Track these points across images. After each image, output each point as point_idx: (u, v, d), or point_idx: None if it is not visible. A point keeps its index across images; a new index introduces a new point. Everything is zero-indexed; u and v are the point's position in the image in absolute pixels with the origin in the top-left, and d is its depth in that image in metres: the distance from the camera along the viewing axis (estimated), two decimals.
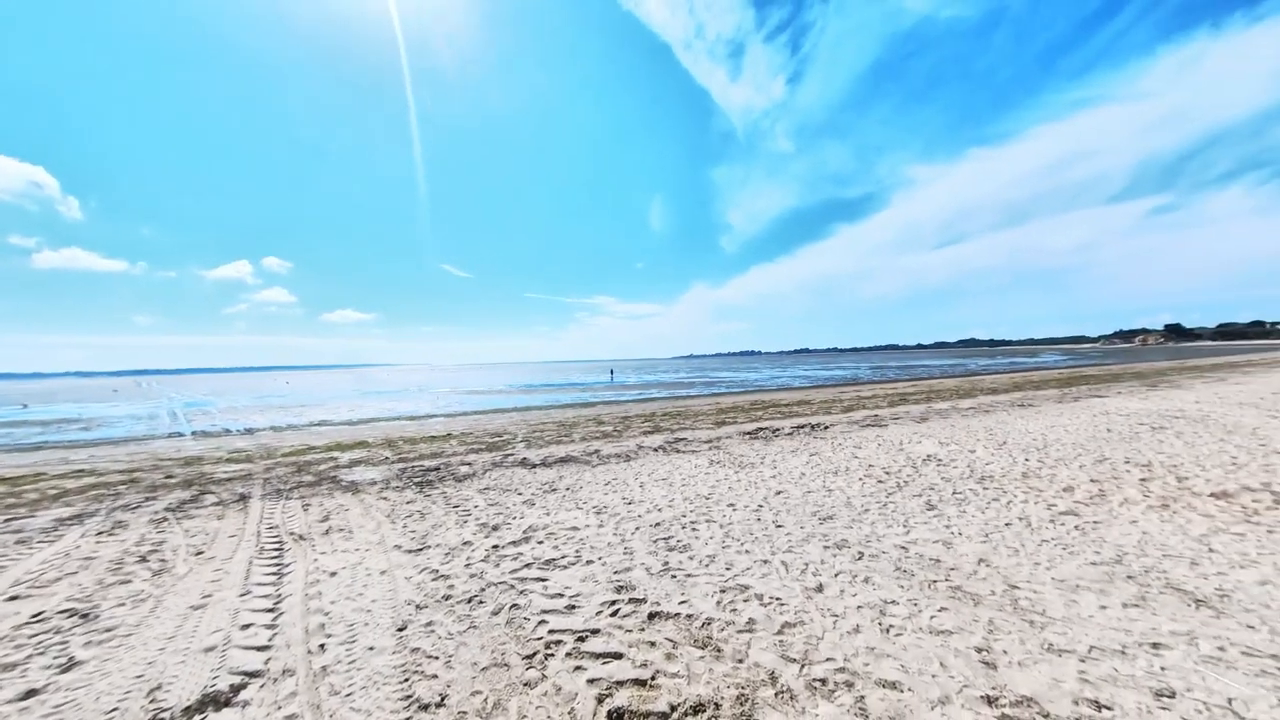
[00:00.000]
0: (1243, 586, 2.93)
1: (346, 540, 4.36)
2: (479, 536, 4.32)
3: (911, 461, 6.52)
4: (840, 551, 3.68)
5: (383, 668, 2.47)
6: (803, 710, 2.06)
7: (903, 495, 5.04)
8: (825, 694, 2.15)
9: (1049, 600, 2.86)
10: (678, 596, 3.08)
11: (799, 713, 2.05)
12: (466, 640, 2.68)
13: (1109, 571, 3.19)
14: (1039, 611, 2.74)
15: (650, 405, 17.59)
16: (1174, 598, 2.84)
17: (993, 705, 2.04)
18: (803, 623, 2.72)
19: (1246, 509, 4.23)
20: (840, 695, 2.14)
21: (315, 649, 2.65)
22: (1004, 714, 2.00)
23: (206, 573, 3.75)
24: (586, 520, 4.66)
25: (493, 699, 2.20)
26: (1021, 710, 2.01)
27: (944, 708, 2.04)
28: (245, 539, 4.51)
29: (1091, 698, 2.06)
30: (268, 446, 10.29)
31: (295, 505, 5.60)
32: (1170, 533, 3.79)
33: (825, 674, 2.28)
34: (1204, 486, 4.89)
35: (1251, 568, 3.16)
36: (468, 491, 5.94)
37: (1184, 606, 2.74)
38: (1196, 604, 2.76)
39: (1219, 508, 4.29)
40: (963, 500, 4.80)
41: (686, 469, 6.67)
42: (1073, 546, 3.60)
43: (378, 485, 6.43)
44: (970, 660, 2.33)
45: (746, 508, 4.85)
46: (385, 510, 5.27)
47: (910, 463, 6.45)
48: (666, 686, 2.24)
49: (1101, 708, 2.01)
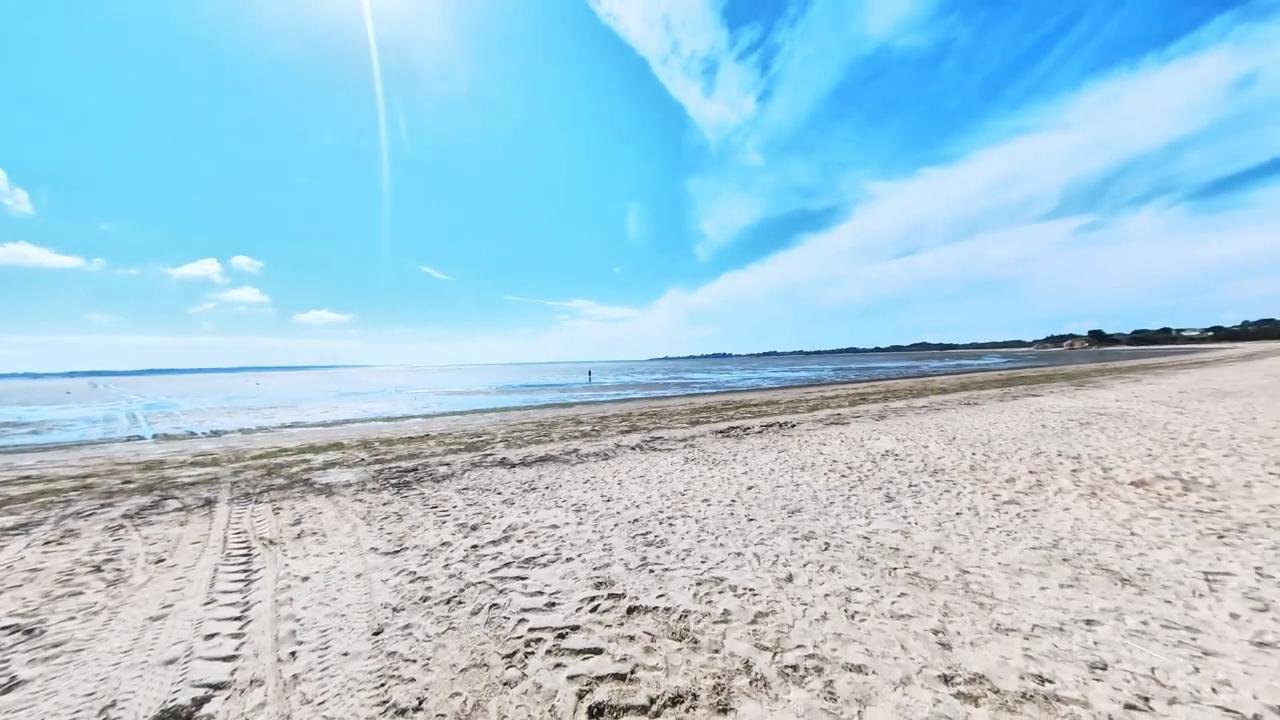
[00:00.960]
0: (1160, 565, 3.15)
1: (320, 544, 4.13)
2: (458, 537, 4.18)
3: (871, 457, 6.73)
4: (808, 543, 3.75)
5: (357, 673, 2.34)
6: (776, 697, 2.08)
7: (864, 489, 5.19)
8: (797, 680, 2.17)
9: (996, 583, 2.99)
10: (655, 590, 3.06)
11: (773, 700, 2.06)
12: (445, 642, 2.57)
13: (1047, 555, 3.37)
14: (988, 594, 2.86)
15: (627, 405, 17.55)
16: (1103, 578, 3.02)
17: (949, 684, 2.11)
18: (774, 612, 2.75)
19: (1161, 496, 4.56)
20: (810, 680, 2.17)
21: (286, 657, 2.49)
22: (959, 691, 2.07)
23: (167, 581, 3.48)
24: (566, 518, 4.59)
25: (472, 700, 2.12)
26: (974, 687, 2.09)
27: (905, 688, 2.10)
28: (210, 545, 4.21)
29: (1035, 672, 2.16)
30: (236, 449, 9.68)
31: (265, 509, 5.28)
32: (1098, 519, 4.04)
33: (796, 660, 2.30)
34: (1125, 476, 5.25)
35: (1167, 548, 3.40)
36: (446, 492, 5.75)
37: (1112, 585, 2.92)
38: (1122, 583, 2.95)
39: (1138, 495, 4.61)
40: (918, 492, 4.98)
41: (663, 467, 6.67)
42: (1015, 533, 3.79)
43: (353, 487, 6.14)
44: (928, 642, 2.41)
45: (720, 503, 4.88)
46: (361, 512, 5.03)
47: (870, 458, 6.66)
48: (646, 679, 2.21)
49: (1044, 681, 2.11)
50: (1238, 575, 2.97)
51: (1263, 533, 3.61)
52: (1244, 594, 2.76)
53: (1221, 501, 4.33)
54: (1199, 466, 5.50)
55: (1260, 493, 4.51)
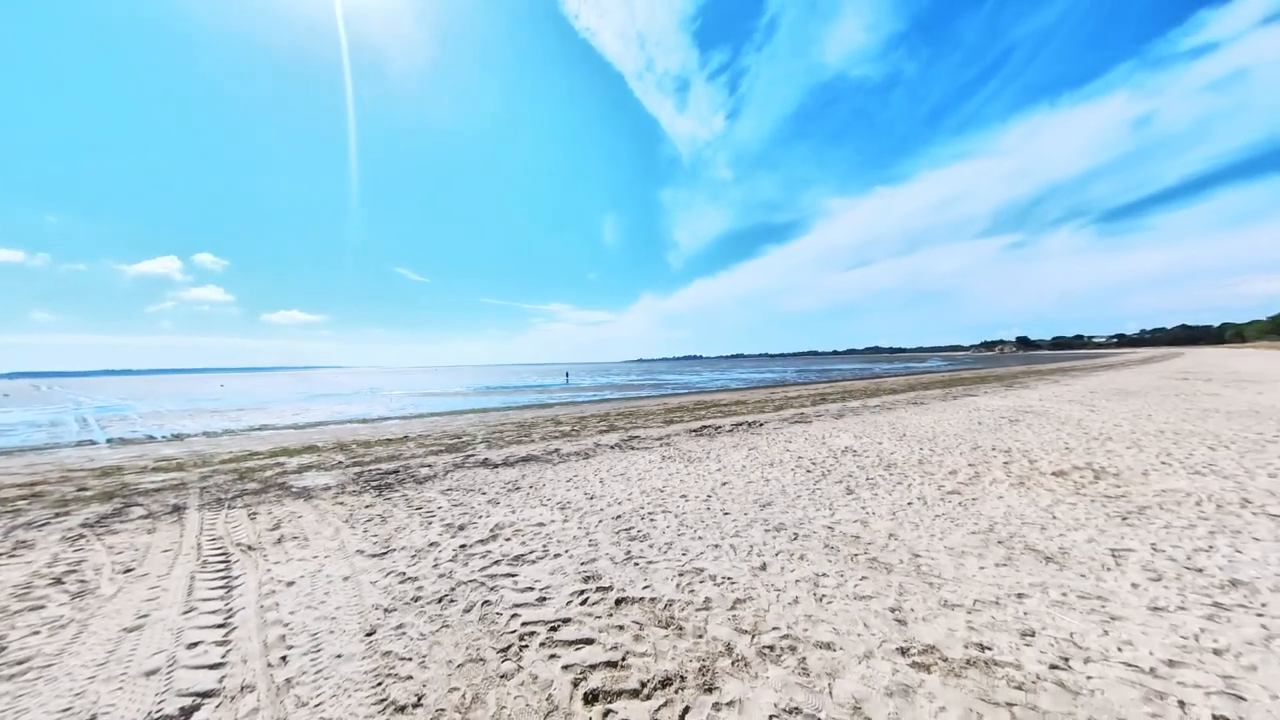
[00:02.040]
0: (1076, 544, 3.49)
1: (302, 548, 3.96)
2: (445, 537, 4.10)
3: (833, 453, 7.05)
4: (779, 533, 3.91)
5: (353, 674, 2.29)
6: (756, 675, 2.19)
7: (827, 482, 5.44)
8: (774, 659, 2.29)
9: (943, 565, 3.23)
10: (641, 582, 3.12)
11: (753, 677, 2.17)
12: (440, 639, 2.55)
13: (985, 538, 3.66)
14: (936, 574, 3.09)
15: (605, 406, 17.54)
16: (1031, 556, 3.32)
17: (905, 655, 2.29)
18: (751, 598, 2.87)
19: (1077, 484, 5.02)
20: (786, 658, 2.29)
21: (276, 661, 2.40)
22: (914, 661, 2.24)
23: (140, 591, 3.25)
24: (551, 516, 4.58)
25: (470, 694, 2.12)
26: (927, 657, 2.27)
27: (868, 661, 2.25)
28: (184, 553, 3.95)
29: (976, 641, 2.37)
30: (202, 453, 9.05)
31: (240, 514, 4.99)
32: (1026, 505, 4.41)
33: (773, 641, 2.43)
34: (1048, 467, 5.75)
35: (1081, 530, 3.77)
36: (430, 493, 5.61)
37: (1038, 563, 3.22)
38: (1046, 560, 3.25)
39: (1058, 483, 5.06)
40: (874, 485, 5.27)
41: (642, 464, 6.75)
42: (958, 520, 4.09)
43: (332, 490, 5.89)
44: (886, 619, 2.59)
45: (697, 498, 5.00)
46: (343, 515, 4.84)
47: (832, 454, 6.98)
48: (636, 665, 2.28)
49: (984, 649, 2.32)
50: (1137, 551, 3.34)
51: (1157, 514, 4.05)
52: (1142, 567, 3.10)
53: (1125, 488, 4.82)
54: (1106, 458, 6.09)
55: (1155, 479, 5.05)
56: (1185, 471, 5.31)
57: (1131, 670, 2.13)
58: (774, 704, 2.00)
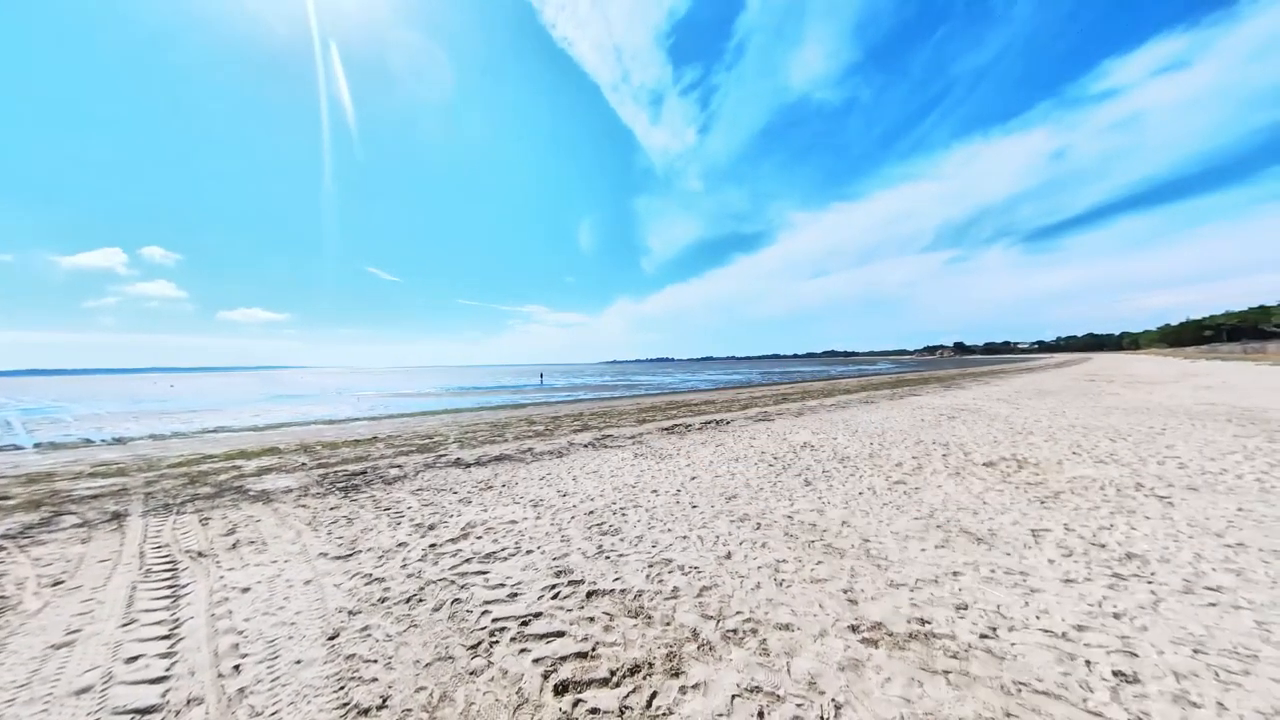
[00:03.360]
0: (1003, 527, 3.76)
1: (260, 553, 3.68)
2: (414, 537, 3.92)
3: (792, 448, 7.28)
4: (743, 524, 3.99)
5: (313, 680, 2.14)
6: (720, 657, 2.22)
7: (787, 475, 5.61)
8: (736, 641, 2.34)
9: (889, 548, 3.40)
10: (612, 575, 3.11)
11: (717, 659, 2.20)
12: (407, 639, 2.43)
13: (925, 523, 3.89)
14: (884, 557, 3.25)
15: (578, 406, 17.35)
16: (965, 539, 3.55)
17: (856, 632, 2.39)
18: (717, 585, 2.91)
19: (1003, 473, 5.42)
20: (748, 640, 2.34)
21: (228, 671, 2.21)
22: (864, 637, 2.34)
23: (71, 605, 2.92)
24: (524, 513, 4.48)
25: (439, 692, 2.03)
26: (875, 633, 2.38)
27: (823, 639, 2.34)
28: (123, 562, 3.58)
29: (918, 616, 2.51)
30: (148, 458, 8.24)
31: (190, 520, 4.58)
32: (961, 493, 4.72)
33: (736, 625, 2.47)
34: (979, 458, 6.17)
35: (1007, 514, 4.07)
36: (399, 494, 5.35)
37: (971, 544, 3.44)
38: (978, 541, 3.49)
39: (988, 473, 5.44)
40: (830, 477, 5.49)
41: (614, 462, 6.72)
42: (903, 507, 4.32)
43: (294, 493, 5.51)
44: (840, 600, 2.70)
45: (667, 493, 5.03)
46: (305, 518, 4.54)
47: (792, 449, 7.20)
48: (606, 655, 2.26)
49: (924, 623, 2.45)
50: (1053, 531, 3.64)
51: (1069, 498, 4.43)
52: (1056, 544, 3.38)
53: (1043, 476, 5.24)
54: (1028, 449, 6.61)
55: (1068, 468, 5.53)
56: (1092, 460, 5.84)
57: (1047, 636, 2.32)
58: (736, 684, 2.03)
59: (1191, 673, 2.03)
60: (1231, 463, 5.47)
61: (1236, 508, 4.00)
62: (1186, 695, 1.90)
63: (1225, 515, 3.83)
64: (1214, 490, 4.50)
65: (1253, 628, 2.32)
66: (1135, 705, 1.86)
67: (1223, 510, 3.95)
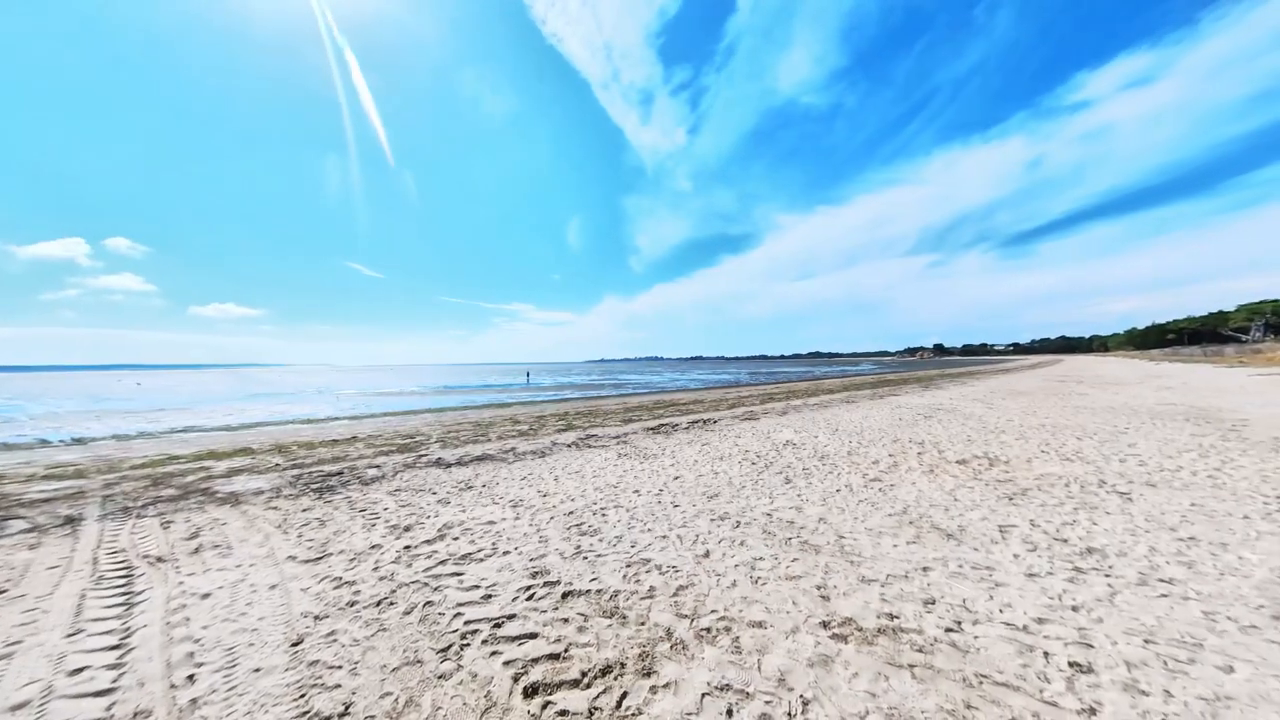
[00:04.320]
0: (972, 523, 3.86)
1: (223, 558, 3.54)
2: (389, 539, 3.83)
3: (775, 447, 7.36)
4: (723, 522, 4.01)
5: (272, 688, 2.07)
6: (692, 656, 2.22)
7: (769, 473, 5.67)
8: (710, 640, 2.34)
9: (863, 544, 3.46)
10: (589, 575, 3.08)
11: (689, 658, 2.20)
12: (375, 644, 2.36)
13: (899, 520, 3.97)
14: (857, 554, 3.30)
15: (564, 405, 17.24)
16: (936, 534, 3.63)
17: (827, 628, 2.42)
18: (693, 584, 2.92)
19: (975, 470, 5.57)
20: (721, 639, 2.34)
21: (181, 682, 2.12)
22: (834, 633, 2.37)
23: (12, 615, 2.76)
24: (503, 514, 4.42)
25: (404, 697, 1.98)
26: (845, 629, 2.41)
27: (795, 635, 2.36)
28: (74, 569, 3.41)
29: (887, 612, 2.55)
30: (109, 459, 7.88)
31: (151, 524, 4.39)
32: (934, 489, 4.83)
33: (710, 624, 2.47)
34: (953, 456, 6.33)
35: (977, 510, 4.18)
36: (376, 494, 5.23)
37: (941, 540, 3.53)
38: (948, 537, 3.57)
39: (960, 470, 5.59)
40: (810, 475, 5.56)
41: (597, 462, 6.69)
42: (878, 504, 4.40)
43: (265, 495, 5.33)
44: (813, 597, 2.73)
45: (649, 493, 5.03)
46: (275, 521, 4.39)
47: (774, 447, 7.28)
48: (578, 656, 2.24)
49: (893, 618, 2.49)
50: (1019, 526, 3.75)
51: (1036, 494, 4.58)
52: (1022, 540, 3.49)
53: (1012, 473, 5.41)
54: (1000, 447, 6.81)
55: (1036, 466, 5.72)
56: (1059, 458, 6.05)
57: (1009, 629, 2.38)
58: (707, 682, 2.03)
59: (1142, 662, 2.11)
60: (1187, 460, 5.74)
61: (1190, 503, 4.18)
62: (1136, 684, 1.97)
63: (1179, 510, 4.01)
64: (1170, 486, 4.70)
65: (1200, 618, 2.43)
66: (1088, 695, 1.92)
67: (1177, 505, 4.13)
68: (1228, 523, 3.68)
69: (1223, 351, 47.39)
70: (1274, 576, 2.82)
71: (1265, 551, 3.16)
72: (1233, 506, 4.05)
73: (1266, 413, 9.30)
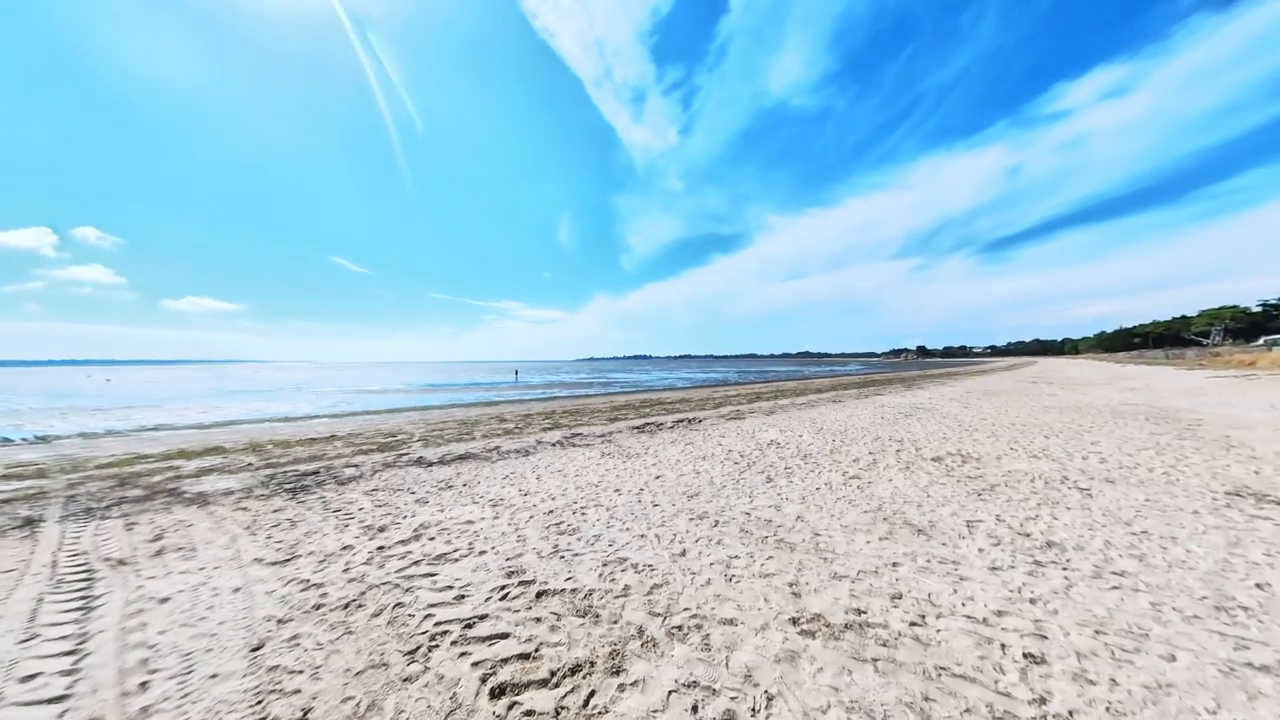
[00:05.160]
0: (942, 519, 3.96)
1: (187, 560, 3.42)
2: (362, 540, 3.75)
3: (759, 446, 7.43)
4: (701, 521, 4.03)
5: (229, 694, 2.00)
6: (662, 653, 2.22)
7: (751, 472, 5.71)
8: (680, 637, 2.35)
9: (837, 541, 3.51)
10: (565, 574, 3.06)
11: (659, 656, 2.21)
12: (339, 647, 2.31)
13: (873, 516, 4.04)
14: (831, 550, 3.35)
15: (552, 404, 17.13)
16: (907, 530, 3.71)
17: (796, 625, 2.45)
18: (668, 583, 2.92)
19: (948, 467, 5.71)
20: (691, 636, 2.35)
21: (134, 689, 2.04)
22: (803, 629, 2.40)
23: None
24: (482, 513, 4.37)
25: (366, 701, 1.94)
26: (814, 624, 2.44)
27: (764, 632, 2.38)
28: (32, 572, 3.26)
29: (855, 607, 2.60)
30: (74, 458, 7.55)
31: (114, 525, 4.22)
32: (909, 486, 4.93)
33: (682, 621, 2.48)
34: (929, 453, 6.48)
35: (947, 505, 4.28)
36: (352, 494, 5.11)
37: (912, 535, 3.60)
38: (918, 532, 3.65)
39: (935, 467, 5.72)
40: (791, 473, 5.62)
41: (580, 461, 6.66)
42: (855, 501, 4.48)
43: (235, 495, 5.17)
44: (785, 594, 2.76)
45: (630, 492, 5.02)
46: (244, 522, 4.26)
47: (758, 447, 7.35)
48: (549, 655, 2.22)
49: (860, 613, 2.54)
50: (985, 521, 3.86)
51: (1003, 490, 4.72)
52: (987, 534, 3.59)
53: (982, 469, 5.56)
54: (972, 445, 7.00)
55: (1005, 463, 5.88)
56: (1026, 455, 6.24)
57: (970, 622, 2.44)
58: (675, 680, 2.04)
59: (1092, 652, 2.18)
60: (1144, 457, 5.97)
61: (1145, 498, 4.36)
62: (1085, 673, 2.04)
63: (1135, 505, 4.17)
64: (1128, 482, 4.89)
65: (1147, 609, 2.53)
66: (1040, 685, 1.98)
67: (1133, 500, 4.30)
68: (1178, 517, 3.85)
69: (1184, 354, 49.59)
70: (1217, 569, 2.96)
71: (1211, 544, 3.31)
72: (1184, 502, 4.23)
73: (1220, 413, 9.74)
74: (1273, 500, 4.22)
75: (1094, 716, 1.81)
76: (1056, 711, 1.84)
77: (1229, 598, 2.61)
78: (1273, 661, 2.09)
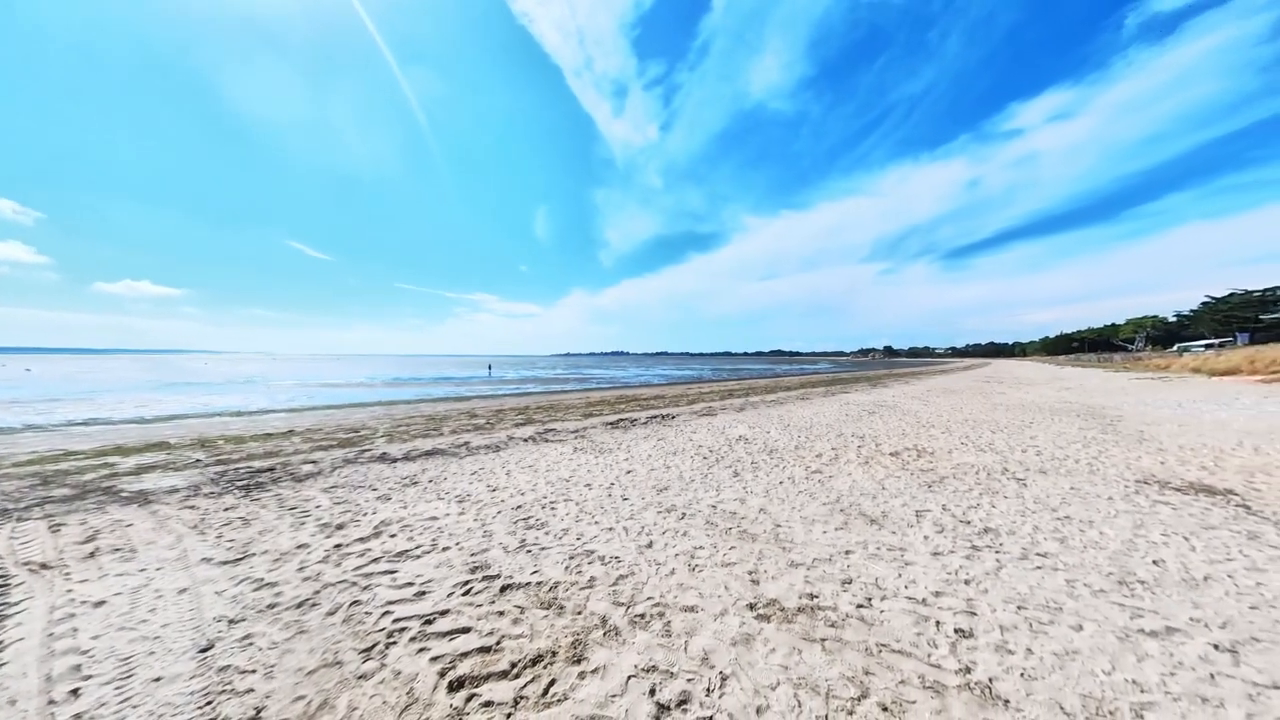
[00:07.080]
0: (894, 509, 4.22)
1: (125, 562, 3.22)
2: (318, 538, 3.64)
3: (728, 441, 7.64)
4: (669, 514, 4.14)
5: (174, 697, 1.93)
6: (624, 641, 2.30)
7: (719, 467, 5.88)
8: (642, 625, 2.43)
9: (796, 532, 3.69)
10: (530, 568, 3.09)
11: (621, 643, 2.28)
12: (293, 646, 2.26)
13: (831, 508, 4.26)
14: (790, 540, 3.52)
15: (525, 399, 16.92)
16: (861, 521, 3.94)
17: (753, 610, 2.58)
18: (634, 574, 3.00)
19: (904, 461, 6.07)
20: (653, 624, 2.44)
21: (63, 697, 1.93)
22: (759, 614, 2.54)
23: None
24: (447, 509, 4.31)
25: (318, 700, 1.92)
26: (769, 609, 2.58)
27: (723, 618, 2.50)
28: None
29: (809, 592, 2.76)
30: None
31: (36, 526, 3.91)
32: (866, 479, 5.22)
33: (644, 610, 2.57)
34: (887, 448, 6.86)
35: (900, 497, 4.57)
36: (309, 492, 4.92)
37: (866, 526, 3.83)
38: (871, 522, 3.89)
39: (892, 461, 6.07)
40: (757, 468, 5.83)
41: (552, 456, 6.65)
42: (815, 494, 4.70)
43: (181, 493, 4.88)
44: (744, 581, 2.89)
45: (600, 486, 5.08)
46: (191, 521, 4.04)
47: (727, 442, 7.55)
48: (510, 648, 2.25)
49: (813, 597, 2.70)
50: (932, 511, 4.15)
51: (951, 482, 5.07)
52: (933, 523, 3.86)
53: (935, 463, 5.94)
54: (928, 440, 7.45)
55: (955, 456, 6.31)
56: (974, 449, 6.71)
57: (911, 602, 2.65)
58: (635, 665, 2.12)
59: (1013, 625, 2.42)
60: (1073, 450, 6.55)
61: (1070, 487, 4.80)
62: (1005, 645, 2.26)
63: (1061, 493, 4.59)
64: (1058, 473, 5.36)
65: (1063, 585, 2.81)
66: (966, 656, 2.19)
67: (1060, 489, 4.72)
68: (1096, 503, 4.26)
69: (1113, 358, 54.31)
70: (1124, 548, 3.31)
71: (1120, 527, 3.70)
72: (1102, 489, 4.68)
73: (1138, 410, 10.77)
74: (1173, 487, 4.75)
75: (1010, 681, 2.02)
76: (979, 679, 2.03)
77: (1130, 573, 2.94)
78: (1160, 628, 2.38)
